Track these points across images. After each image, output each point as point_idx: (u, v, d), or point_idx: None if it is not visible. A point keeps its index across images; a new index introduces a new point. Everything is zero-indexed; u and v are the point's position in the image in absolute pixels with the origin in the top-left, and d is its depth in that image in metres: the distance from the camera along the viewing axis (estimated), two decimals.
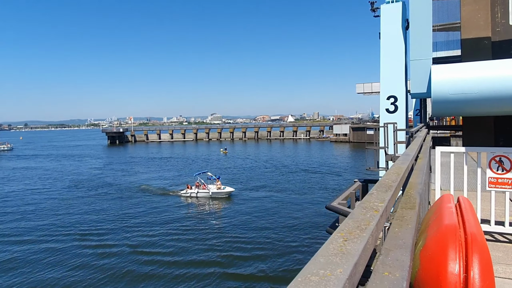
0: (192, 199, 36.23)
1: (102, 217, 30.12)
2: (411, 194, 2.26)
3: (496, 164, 5.05)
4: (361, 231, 1.14)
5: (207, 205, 33.99)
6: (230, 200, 35.42)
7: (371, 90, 79.20)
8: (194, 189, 36.89)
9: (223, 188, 36.56)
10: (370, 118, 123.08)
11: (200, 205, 34.22)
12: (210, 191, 35.97)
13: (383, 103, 17.32)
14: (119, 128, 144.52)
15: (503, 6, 16.99)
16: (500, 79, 13.32)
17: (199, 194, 36.45)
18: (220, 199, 35.69)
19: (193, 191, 36.73)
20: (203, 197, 36.24)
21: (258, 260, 20.37)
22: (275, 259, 20.44)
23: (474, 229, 1.37)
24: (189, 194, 36.90)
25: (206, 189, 36.43)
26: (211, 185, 37.09)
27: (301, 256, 20.83)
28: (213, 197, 35.84)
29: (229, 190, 36.49)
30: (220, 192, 36.10)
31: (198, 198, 36.21)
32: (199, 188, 36.77)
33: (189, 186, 37.72)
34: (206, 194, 36.21)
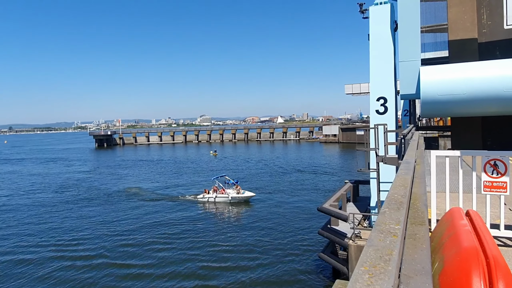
0: (210, 204, 34.76)
1: (115, 225, 28.79)
2: (418, 207, 2.19)
3: (491, 168, 5.06)
4: (385, 263, 1.06)
5: (226, 211, 32.42)
6: (250, 206, 33.70)
7: (360, 90, 79.86)
8: (212, 193, 35.39)
9: (242, 192, 34.96)
10: (359, 119, 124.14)
11: (219, 210, 32.84)
12: (229, 195, 34.38)
13: (373, 104, 17.38)
14: (107, 131, 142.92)
15: (488, 8, 17.24)
16: (487, 80, 13.50)
17: (217, 199, 34.93)
18: (239, 204, 34.00)
19: (211, 195, 35.19)
20: (222, 202, 34.69)
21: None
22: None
23: (494, 251, 1.31)
24: (206, 199, 35.31)
25: (224, 193, 34.86)
26: (230, 190, 35.37)
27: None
28: (232, 202, 34.35)
29: (249, 195, 34.76)
30: (239, 197, 34.48)
31: (216, 203, 34.71)
32: (217, 193, 35.17)
33: (206, 191, 36.09)
34: (224, 199, 34.61)
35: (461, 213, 2.00)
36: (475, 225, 1.71)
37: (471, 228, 1.67)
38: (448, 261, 1.43)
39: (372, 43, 17.72)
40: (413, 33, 15.25)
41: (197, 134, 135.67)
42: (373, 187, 17.24)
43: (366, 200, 21.46)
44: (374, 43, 17.64)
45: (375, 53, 17.59)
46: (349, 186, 22.36)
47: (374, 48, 17.62)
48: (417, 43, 15.23)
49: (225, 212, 32.27)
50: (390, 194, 1.93)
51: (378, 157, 14.70)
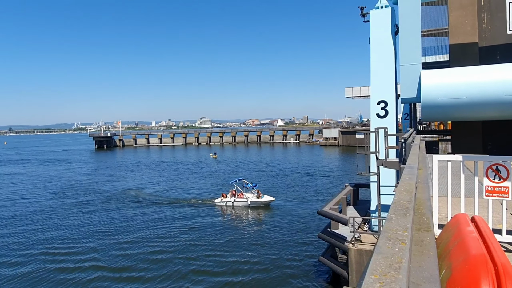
0: (228, 208, 33.76)
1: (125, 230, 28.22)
2: (422, 212, 2.18)
3: (493, 172, 5.05)
4: (395, 271, 1.05)
5: (244, 216, 31.49)
6: (270, 210, 32.78)
7: (360, 94, 79.98)
8: (230, 197, 34.37)
9: (262, 197, 33.81)
10: (359, 122, 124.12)
11: (238, 215, 31.87)
12: (249, 200, 33.34)
13: (374, 108, 17.38)
14: (107, 133, 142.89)
15: (489, 12, 17.28)
16: (487, 84, 13.51)
17: (235, 203, 33.91)
18: (258, 209, 33.02)
19: (229, 199, 34.15)
20: (240, 206, 33.69)
21: None
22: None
23: (503, 258, 1.31)
24: (224, 203, 34.28)
25: (243, 197, 33.98)
26: (249, 194, 34.36)
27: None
28: (251, 207, 33.34)
29: (269, 200, 33.63)
30: (259, 202, 33.37)
31: (235, 207, 33.72)
32: (235, 197, 34.20)
33: (224, 195, 35.08)
34: (243, 203, 33.55)
35: (467, 219, 1.99)
36: (481, 231, 1.71)
37: (478, 235, 1.67)
38: (456, 269, 1.42)
39: (372, 47, 17.75)
40: (414, 37, 15.26)
41: (197, 137, 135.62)
42: (373, 190, 17.22)
43: (366, 203, 21.42)
44: (375, 47, 17.67)
45: (375, 57, 17.61)
46: (349, 189, 22.33)
47: (375, 52, 17.65)
48: (417, 47, 15.24)
49: (241, 217, 31.60)
50: (395, 200, 1.92)
51: (379, 160, 14.70)
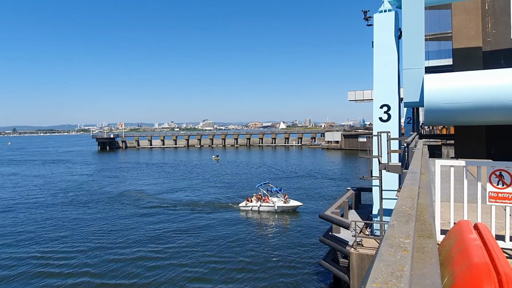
0: (254, 213, 32.40)
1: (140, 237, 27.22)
2: (425, 219, 2.16)
3: (497, 178, 5.01)
4: (397, 279, 1.03)
5: (272, 222, 30.27)
6: (297, 216, 31.64)
7: (363, 97, 79.88)
8: (256, 202, 33.06)
9: (289, 201, 32.74)
10: (362, 125, 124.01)
11: (264, 221, 30.46)
12: (276, 205, 32.18)
13: (376, 111, 17.34)
14: (110, 134, 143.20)
15: (493, 17, 17.26)
16: (491, 89, 13.46)
17: (261, 208, 32.66)
18: (285, 214, 31.86)
19: (255, 204, 32.81)
20: (267, 211, 32.48)
21: None
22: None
23: (506, 267, 1.29)
24: (250, 208, 32.91)
25: (269, 202, 32.84)
26: (275, 198, 33.25)
27: None
28: (278, 212, 32.23)
29: (297, 204, 32.60)
30: (286, 207, 32.33)
31: (261, 212, 32.46)
32: (261, 201, 33.04)
33: (249, 199, 33.73)
34: (270, 208, 32.37)
35: (470, 226, 1.97)
36: (484, 239, 1.69)
37: (481, 243, 1.65)
38: (459, 277, 1.40)
39: (376, 51, 17.73)
40: (417, 41, 15.25)
41: (200, 139, 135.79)
42: (375, 194, 17.15)
43: (368, 207, 21.34)
44: (378, 51, 17.65)
45: (379, 60, 17.59)
46: (351, 193, 22.26)
47: (378, 56, 17.63)
48: (421, 51, 15.22)
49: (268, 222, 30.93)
50: (397, 206, 1.91)
51: (381, 164, 14.64)
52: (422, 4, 15.12)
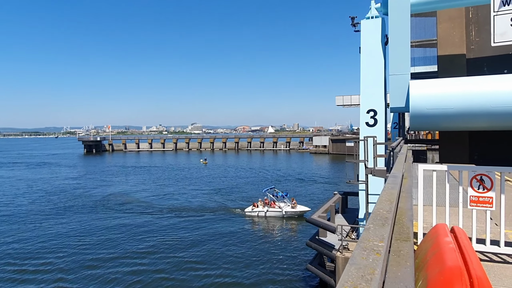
0: (260, 219, 31.79)
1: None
2: (403, 222, 2.17)
3: (477, 182, 5.09)
4: (367, 283, 1.03)
5: (280, 227, 29.73)
6: (303, 221, 30.31)
7: (350, 102, 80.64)
8: (263, 207, 32.49)
9: (296, 206, 32.29)
10: (349, 130, 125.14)
11: (271, 226, 29.81)
12: (283, 210, 31.59)
13: (363, 116, 17.51)
14: (96, 137, 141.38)
15: (477, 25, 17.63)
16: (475, 95, 13.72)
17: (268, 213, 32.03)
18: (292, 220, 31.34)
19: (261, 209, 32.21)
20: (274, 216, 31.82)
21: None
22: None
23: (479, 271, 1.29)
24: (256, 213, 32.28)
25: (276, 207, 32.36)
26: (282, 203, 32.73)
27: None
28: (285, 217, 31.69)
29: (304, 209, 31.97)
30: (294, 212, 31.83)
31: (267, 218, 31.83)
32: (268, 206, 32.48)
33: (255, 204, 33.13)
34: (277, 213, 31.73)
35: (446, 230, 1.98)
36: (459, 242, 1.70)
37: (456, 246, 1.66)
38: (432, 280, 1.41)
39: (363, 56, 17.93)
40: (403, 48, 15.47)
41: (188, 142, 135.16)
42: (361, 199, 17.27)
43: (354, 212, 21.47)
44: (365, 56, 17.85)
45: (365, 66, 17.78)
46: (338, 197, 22.38)
47: (365, 61, 17.82)
48: (407, 57, 15.44)
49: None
50: (375, 209, 1.91)
51: (367, 169, 14.76)
52: (408, 11, 15.37)
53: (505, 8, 5.69)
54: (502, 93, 13.05)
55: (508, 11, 5.63)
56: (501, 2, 5.73)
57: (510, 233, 5.68)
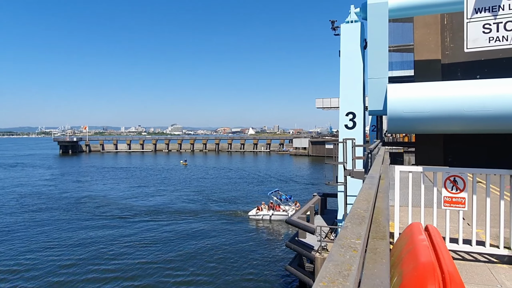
0: (264, 222, 31.07)
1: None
2: (380, 221, 2.22)
3: (451, 184, 5.26)
4: (344, 278, 1.05)
5: (284, 230, 28.74)
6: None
7: (330, 105, 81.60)
8: (267, 210, 31.80)
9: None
10: (329, 132, 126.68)
11: (277, 230, 29.10)
12: (289, 213, 30.37)
13: (342, 119, 17.79)
14: (73, 137, 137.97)
15: (451, 31, 18.20)
16: (449, 99, 14.15)
17: (273, 217, 31.36)
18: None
19: (266, 213, 31.52)
20: (279, 220, 30.94)
21: None
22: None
23: (450, 266, 1.35)
24: (261, 217, 31.60)
25: (280, 210, 31.70)
26: (287, 206, 32.23)
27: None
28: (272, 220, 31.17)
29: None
30: None
31: (272, 221, 31.13)
32: (273, 210, 31.74)
33: (259, 208, 32.44)
34: (283, 217, 30.51)
35: (420, 228, 2.05)
36: (433, 240, 1.76)
37: (429, 243, 1.72)
38: (407, 276, 1.46)
39: (342, 60, 18.23)
40: (382, 52, 15.82)
41: (168, 143, 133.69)
42: (340, 200, 17.52)
43: (333, 213, 21.75)
44: (345, 60, 18.16)
45: (345, 69, 18.09)
46: (317, 199, 22.62)
47: (344, 65, 18.13)
48: (385, 61, 15.80)
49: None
50: (353, 208, 1.95)
51: (346, 170, 15.00)
52: (386, 17, 15.73)
53: (478, 16, 5.91)
54: (474, 98, 13.50)
55: (480, 18, 5.86)
56: (474, 9, 5.95)
57: (482, 232, 5.89)
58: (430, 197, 5.79)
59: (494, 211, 5.55)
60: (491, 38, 6.26)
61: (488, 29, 6.21)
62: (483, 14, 5.99)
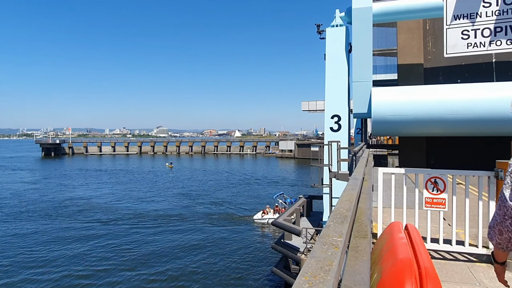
0: (270, 226, 29.57)
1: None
2: (362, 221, 2.30)
3: (432, 185, 5.41)
4: (325, 273, 1.11)
5: None
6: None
7: (316, 108, 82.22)
8: (273, 214, 31.04)
9: None
10: (314, 135, 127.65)
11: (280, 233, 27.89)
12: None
13: (328, 122, 17.99)
14: (55, 139, 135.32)
15: (433, 37, 18.65)
16: (430, 102, 14.49)
17: None
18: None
19: (271, 217, 30.39)
20: None
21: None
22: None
23: (427, 262, 1.43)
24: (266, 221, 30.81)
25: None
26: None
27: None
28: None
29: None
30: None
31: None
32: (279, 213, 29.89)
33: (265, 211, 31.87)
34: None
35: (400, 227, 2.14)
36: (411, 238, 1.85)
37: (408, 241, 1.81)
38: (385, 272, 1.53)
39: (328, 63, 18.46)
40: (366, 56, 16.10)
41: (153, 146, 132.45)
42: (326, 202, 17.70)
43: (319, 215, 21.95)
44: (330, 63, 18.39)
45: (330, 73, 18.31)
46: (303, 201, 22.78)
47: (330, 68, 18.36)
48: (369, 65, 16.08)
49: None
50: (336, 208, 2.02)
51: (331, 173, 15.16)
52: (370, 21, 16.02)
53: (457, 22, 6.11)
54: (455, 101, 13.86)
55: (459, 25, 6.06)
56: (453, 16, 6.15)
57: (462, 232, 6.06)
58: (412, 198, 5.94)
59: (473, 212, 5.72)
60: (469, 44, 6.49)
61: (467, 35, 6.44)
62: (462, 20, 6.21)
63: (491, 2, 6.66)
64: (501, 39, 6.72)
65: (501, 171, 5.04)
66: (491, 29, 6.77)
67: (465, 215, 5.58)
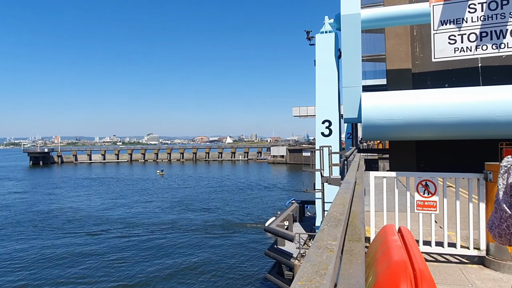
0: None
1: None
2: (355, 224, 2.31)
3: (423, 188, 5.46)
4: (321, 277, 1.11)
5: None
6: None
7: (307, 113, 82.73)
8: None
9: None
10: (306, 140, 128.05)
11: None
12: None
13: (319, 127, 18.07)
14: (44, 148, 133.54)
15: (421, 42, 18.94)
16: (419, 107, 14.68)
17: None
18: None
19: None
20: None
21: None
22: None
23: (421, 264, 1.44)
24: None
25: None
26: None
27: None
28: None
29: None
30: None
31: None
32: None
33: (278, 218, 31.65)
34: None
35: (394, 230, 2.15)
36: (405, 240, 1.86)
37: (402, 244, 1.82)
38: (380, 275, 1.54)
39: (318, 69, 18.58)
40: (355, 61, 16.26)
41: (144, 153, 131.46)
42: (318, 207, 17.71)
43: (312, 220, 21.94)
44: (320, 69, 18.51)
45: (320, 78, 18.44)
46: (295, 206, 22.77)
47: (320, 74, 18.48)
48: (358, 70, 16.24)
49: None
50: (329, 212, 2.02)
51: (323, 177, 15.21)
52: (359, 27, 16.21)
53: (444, 28, 6.22)
54: (443, 105, 14.06)
55: (446, 30, 6.17)
56: (440, 21, 6.26)
57: (453, 234, 6.11)
58: (403, 201, 5.98)
59: (464, 214, 5.79)
60: (456, 48, 6.62)
61: (453, 40, 6.57)
62: (449, 26, 6.33)
63: (476, 8, 6.81)
64: (487, 44, 6.87)
65: (490, 173, 5.11)
66: (477, 34, 6.92)
67: (456, 217, 5.64)
